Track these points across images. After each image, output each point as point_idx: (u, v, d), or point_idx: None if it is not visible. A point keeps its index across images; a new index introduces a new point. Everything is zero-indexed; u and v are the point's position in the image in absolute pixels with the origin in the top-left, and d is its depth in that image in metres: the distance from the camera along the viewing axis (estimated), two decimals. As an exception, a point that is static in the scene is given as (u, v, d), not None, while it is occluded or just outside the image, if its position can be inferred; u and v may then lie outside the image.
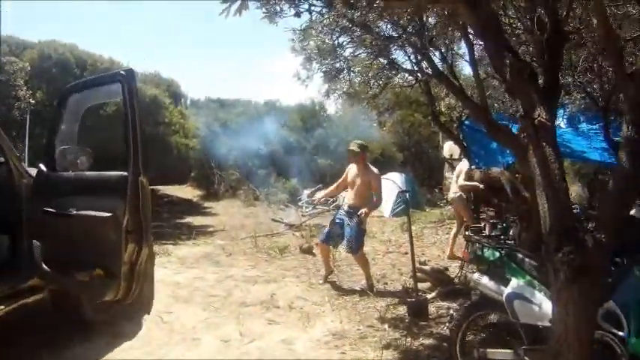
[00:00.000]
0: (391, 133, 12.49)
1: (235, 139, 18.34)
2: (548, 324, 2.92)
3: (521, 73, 2.32)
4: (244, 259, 7.98)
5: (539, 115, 2.23)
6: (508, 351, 3.37)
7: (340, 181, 6.39)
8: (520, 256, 3.42)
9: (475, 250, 3.66)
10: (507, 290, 3.30)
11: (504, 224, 5.58)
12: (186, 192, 19.58)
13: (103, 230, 3.40)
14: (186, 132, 14.28)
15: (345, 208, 6.15)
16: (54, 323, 4.47)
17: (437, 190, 14.79)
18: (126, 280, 3.42)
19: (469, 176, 6.75)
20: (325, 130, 19.15)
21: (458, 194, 7.46)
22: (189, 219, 13.61)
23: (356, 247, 5.96)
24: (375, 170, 6.14)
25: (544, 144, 2.22)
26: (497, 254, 3.50)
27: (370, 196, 6.03)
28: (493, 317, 3.71)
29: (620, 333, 2.93)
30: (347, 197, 6.26)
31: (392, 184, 13.53)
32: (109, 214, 3.37)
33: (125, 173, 3.37)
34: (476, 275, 3.59)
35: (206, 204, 16.73)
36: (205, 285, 6.30)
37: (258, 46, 62.20)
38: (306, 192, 14.92)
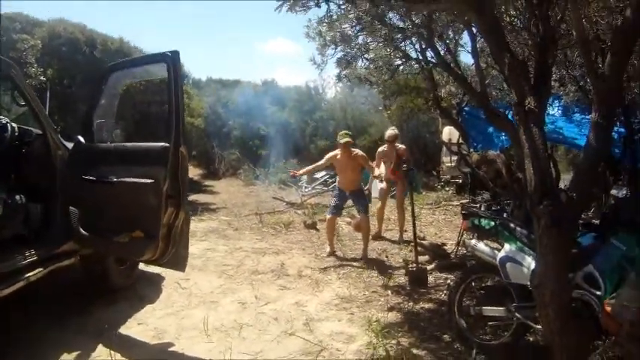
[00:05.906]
0: (391, 118, 12.75)
1: (236, 119, 18.50)
2: None
3: (515, 69, 2.79)
4: (251, 233, 8.37)
5: (529, 103, 2.71)
6: (500, 308, 3.83)
7: (323, 162, 7.07)
8: (512, 225, 3.87)
9: (473, 220, 4.10)
10: (500, 254, 3.79)
11: (499, 206, 5.98)
12: (187, 170, 19.68)
13: (146, 195, 3.74)
14: (192, 111, 14.47)
15: (348, 193, 6.90)
16: (83, 287, 4.91)
17: (434, 173, 15.10)
18: (163, 241, 3.77)
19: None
20: (325, 112, 19.49)
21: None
22: (191, 197, 13.81)
23: (367, 209, 6.98)
24: (359, 151, 7.00)
25: (532, 125, 2.70)
26: (493, 223, 3.95)
27: (361, 174, 7.07)
28: (487, 280, 4.21)
29: (598, 292, 3.38)
30: (345, 183, 6.92)
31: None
32: (151, 181, 3.72)
33: (167, 144, 3.71)
34: (473, 241, 4.07)
35: (206, 182, 16.94)
36: (217, 256, 6.71)
37: (254, 29, 62.04)
38: (306, 172, 15.03)
